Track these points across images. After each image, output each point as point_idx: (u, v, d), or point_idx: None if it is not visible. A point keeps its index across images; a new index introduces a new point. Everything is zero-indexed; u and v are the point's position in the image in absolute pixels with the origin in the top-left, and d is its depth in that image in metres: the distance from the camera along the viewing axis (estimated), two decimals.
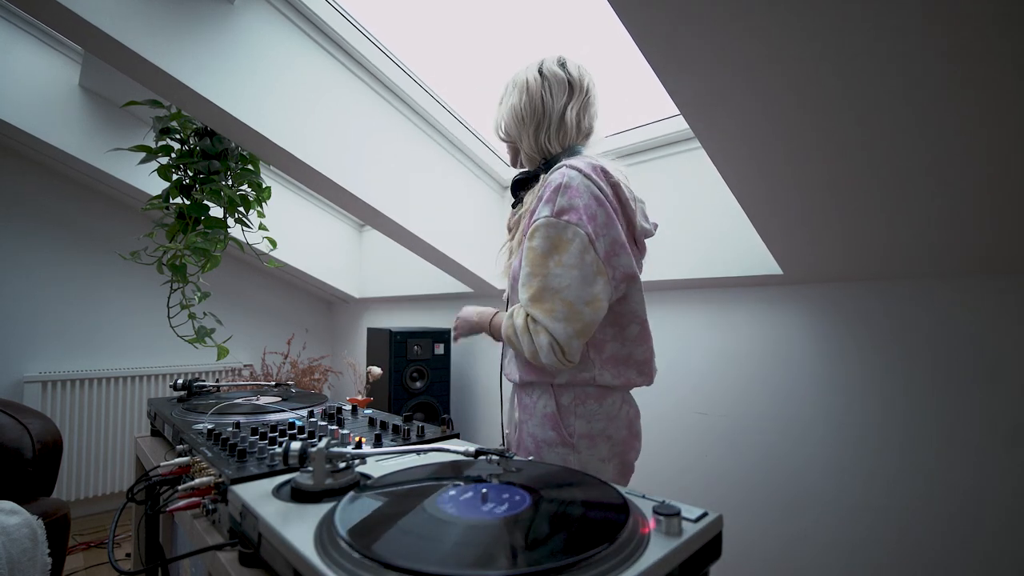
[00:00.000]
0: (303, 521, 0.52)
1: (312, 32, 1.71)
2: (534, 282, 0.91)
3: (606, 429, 0.98)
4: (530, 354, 0.92)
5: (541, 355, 0.90)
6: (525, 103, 1.04)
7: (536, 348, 0.90)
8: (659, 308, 1.78)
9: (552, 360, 0.90)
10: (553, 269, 0.90)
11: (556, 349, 0.89)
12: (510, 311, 0.98)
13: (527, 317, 0.92)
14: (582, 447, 0.96)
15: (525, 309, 0.92)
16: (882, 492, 1.30)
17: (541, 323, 0.89)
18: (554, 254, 0.90)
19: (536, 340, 0.90)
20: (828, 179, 1.01)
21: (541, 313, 0.89)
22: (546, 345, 0.89)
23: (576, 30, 1.93)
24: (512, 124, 1.07)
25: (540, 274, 0.90)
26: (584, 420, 0.97)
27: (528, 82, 1.05)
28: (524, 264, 0.93)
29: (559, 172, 0.95)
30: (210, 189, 1.83)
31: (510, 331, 0.95)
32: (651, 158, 1.73)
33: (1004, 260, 1.11)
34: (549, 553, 0.45)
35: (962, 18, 0.65)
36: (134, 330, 2.94)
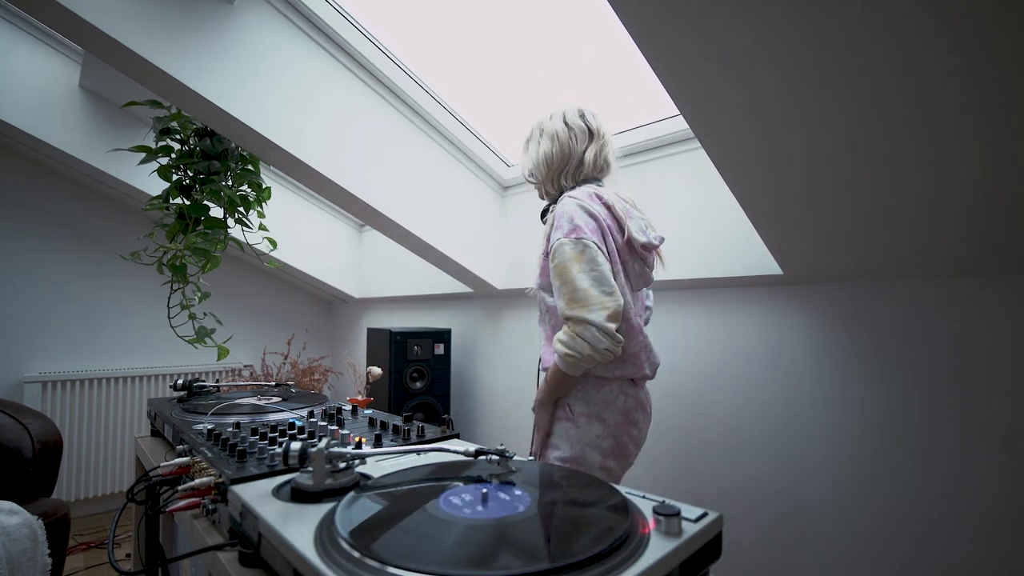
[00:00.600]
0: (303, 521, 0.52)
1: (312, 32, 1.71)
2: (565, 290, 1.09)
3: (601, 412, 1.16)
4: (587, 353, 1.06)
5: (595, 346, 1.05)
6: (556, 151, 1.27)
7: (587, 342, 1.05)
8: (659, 308, 1.78)
9: (605, 344, 1.05)
10: (576, 276, 1.08)
11: (602, 333, 1.05)
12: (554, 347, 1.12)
13: (567, 325, 1.09)
14: (581, 423, 1.15)
15: (565, 316, 1.09)
16: (882, 492, 1.30)
17: (581, 319, 1.06)
18: (573, 264, 1.09)
19: (585, 336, 1.06)
20: (828, 179, 1.01)
21: (579, 311, 1.06)
22: (592, 335, 1.05)
23: (576, 30, 1.93)
24: (543, 168, 1.29)
25: (568, 282, 1.09)
26: (583, 402, 1.17)
27: (558, 133, 1.27)
28: (553, 280, 1.13)
29: (561, 203, 1.19)
30: (210, 189, 1.83)
31: (564, 351, 1.08)
32: (651, 158, 1.73)
33: (1003, 261, 1.11)
34: (549, 553, 0.45)
35: (960, 18, 0.65)
36: (134, 330, 2.94)
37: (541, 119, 1.33)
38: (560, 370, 1.11)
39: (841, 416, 1.38)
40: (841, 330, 1.40)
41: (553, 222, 1.17)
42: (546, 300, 1.22)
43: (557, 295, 1.12)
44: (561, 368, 1.11)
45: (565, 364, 1.10)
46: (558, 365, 1.11)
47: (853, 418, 1.36)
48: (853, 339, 1.37)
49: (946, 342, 1.23)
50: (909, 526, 1.26)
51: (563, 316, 1.09)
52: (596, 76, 1.98)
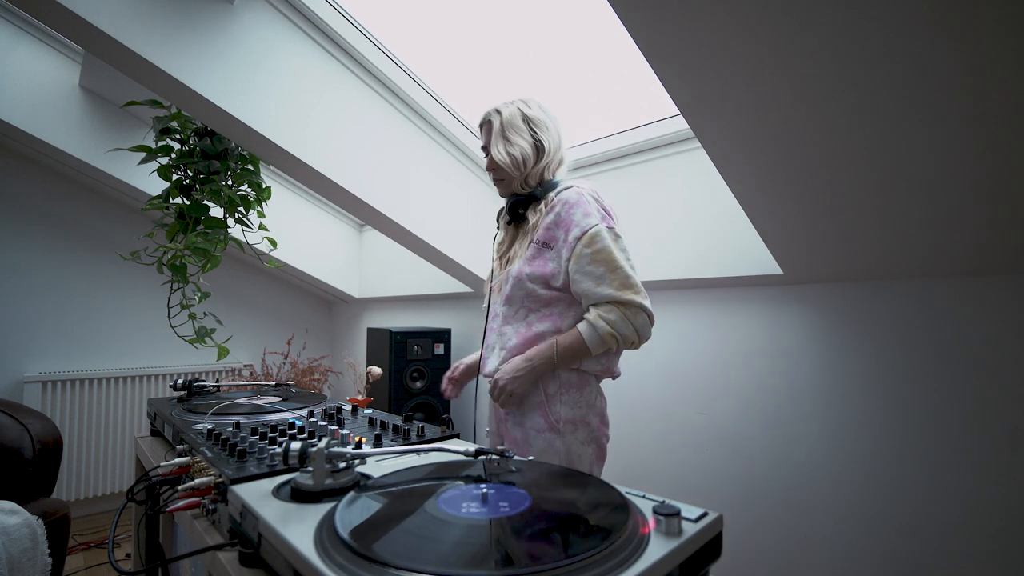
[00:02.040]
0: (303, 521, 0.52)
1: (312, 32, 1.71)
2: (616, 275, 1.07)
3: (585, 416, 1.13)
4: (632, 339, 1.07)
5: (642, 332, 1.08)
6: (552, 141, 1.20)
7: (636, 328, 1.07)
8: (659, 308, 1.78)
9: (648, 333, 1.09)
10: (623, 261, 1.08)
11: (650, 320, 1.09)
12: (589, 319, 1.08)
13: (619, 307, 1.06)
14: (566, 431, 1.10)
15: (615, 299, 1.06)
16: (881, 492, 1.30)
17: (636, 304, 1.06)
18: (616, 250, 1.08)
19: (636, 321, 1.07)
20: (828, 179, 1.01)
21: (634, 296, 1.07)
22: (643, 321, 1.08)
23: (576, 30, 1.93)
24: (531, 159, 1.18)
25: (617, 267, 1.07)
26: (568, 407, 1.11)
27: (546, 123, 1.21)
28: (594, 266, 1.07)
29: (572, 191, 1.14)
30: (210, 189, 1.83)
31: (609, 330, 1.05)
32: (651, 158, 1.73)
33: (1003, 261, 1.11)
34: (549, 553, 0.45)
35: (964, 20, 0.65)
36: (134, 330, 2.94)
37: (513, 107, 1.21)
38: (584, 344, 1.07)
39: (841, 416, 1.38)
40: (840, 330, 1.40)
41: (571, 210, 1.11)
42: (537, 291, 1.13)
43: (597, 281, 1.07)
44: (589, 344, 1.06)
45: (600, 342, 1.06)
46: (587, 340, 1.06)
47: (853, 418, 1.36)
48: (852, 339, 1.37)
49: (945, 342, 1.23)
50: (909, 526, 1.26)
51: (610, 299, 1.06)
52: (596, 76, 1.98)
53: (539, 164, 1.19)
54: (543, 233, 1.14)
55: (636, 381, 1.81)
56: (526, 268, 1.14)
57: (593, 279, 1.07)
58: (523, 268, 1.14)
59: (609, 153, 1.82)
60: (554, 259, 1.12)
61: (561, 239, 1.11)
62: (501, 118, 1.20)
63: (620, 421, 1.85)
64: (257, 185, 1.96)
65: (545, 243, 1.13)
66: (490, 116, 1.23)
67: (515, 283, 1.15)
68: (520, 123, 1.19)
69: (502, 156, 1.18)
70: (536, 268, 1.13)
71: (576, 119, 2.04)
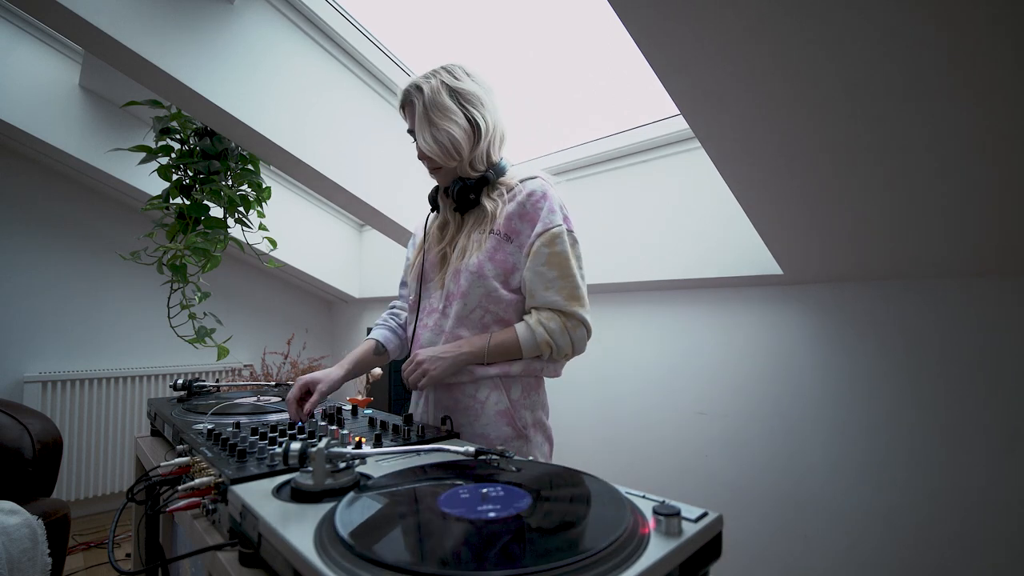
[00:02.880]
0: (303, 521, 0.52)
1: (312, 32, 1.71)
2: (567, 283, 1.02)
3: (541, 417, 1.11)
4: (566, 352, 1.03)
5: (578, 347, 1.04)
6: (488, 116, 1.05)
7: (574, 341, 1.03)
8: (659, 308, 1.78)
9: (584, 346, 1.05)
10: (575, 270, 1.03)
11: (587, 335, 1.05)
12: (529, 322, 1.01)
13: (562, 317, 1.02)
14: (531, 436, 1.06)
15: (560, 308, 1.01)
16: (883, 494, 1.30)
17: (578, 318, 1.02)
18: (571, 259, 1.03)
19: (575, 335, 1.02)
20: (830, 179, 1.01)
21: (578, 308, 1.02)
22: (581, 336, 1.03)
23: (575, 29, 1.93)
24: (470, 138, 1.04)
25: (570, 275, 1.02)
26: (530, 411, 1.07)
27: (480, 95, 1.05)
28: (548, 269, 1.01)
29: (536, 182, 1.06)
30: (210, 189, 1.83)
31: (547, 339, 1.00)
32: (651, 158, 1.73)
33: (1009, 261, 1.11)
34: (549, 553, 0.45)
35: (966, 16, 0.65)
36: (134, 330, 2.94)
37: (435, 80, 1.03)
38: (518, 345, 1.00)
39: (841, 416, 1.38)
40: (840, 330, 1.40)
41: (527, 202, 1.03)
42: (499, 291, 1.02)
43: (545, 285, 1.00)
44: (523, 345, 1.00)
45: (534, 347, 1.00)
46: (522, 341, 1.00)
47: (853, 418, 1.36)
48: (852, 339, 1.37)
49: (946, 342, 1.23)
50: (910, 526, 1.26)
51: (555, 307, 1.01)
52: (596, 76, 1.98)
53: (479, 146, 1.05)
54: (505, 224, 1.03)
55: (636, 381, 1.81)
56: (487, 263, 1.01)
57: (543, 281, 1.01)
58: (483, 262, 1.01)
59: (609, 153, 1.82)
60: (515, 253, 1.03)
61: (525, 233, 1.02)
62: (423, 97, 1.03)
63: (620, 421, 1.86)
64: (257, 185, 1.96)
65: (507, 236, 1.02)
66: (411, 95, 1.05)
67: (474, 278, 1.01)
68: (447, 100, 1.02)
69: (429, 145, 1.03)
70: (499, 263, 1.02)
71: (576, 119, 2.04)
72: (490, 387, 1.03)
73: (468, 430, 1.03)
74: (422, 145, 1.05)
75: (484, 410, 1.03)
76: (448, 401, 1.06)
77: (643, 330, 1.82)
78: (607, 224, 1.83)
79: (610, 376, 1.89)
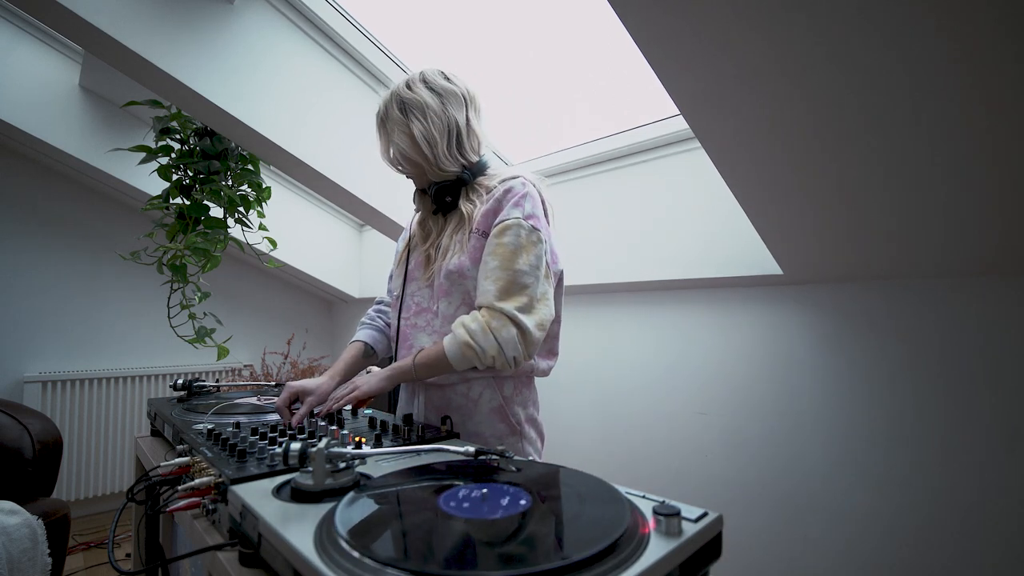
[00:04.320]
0: (303, 521, 0.52)
1: (312, 32, 1.71)
2: (505, 275, 0.95)
3: (534, 414, 1.10)
4: (492, 354, 0.92)
5: (507, 350, 0.92)
6: (435, 122, 1.03)
7: (500, 344, 0.92)
8: (659, 308, 1.78)
9: (516, 352, 0.93)
10: (521, 266, 0.95)
11: (521, 341, 0.93)
12: (453, 326, 0.96)
13: (483, 314, 0.94)
14: (525, 432, 1.06)
15: (487, 303, 0.94)
16: (883, 494, 1.30)
17: (509, 315, 0.92)
18: (522, 253, 0.96)
19: (500, 336, 0.92)
20: (831, 179, 1.01)
21: (510, 305, 0.93)
22: (513, 338, 0.92)
23: (575, 29, 1.93)
24: (424, 146, 1.03)
25: (509, 269, 0.95)
26: (522, 407, 1.07)
27: (427, 103, 1.04)
28: (491, 258, 0.97)
29: (517, 181, 1.04)
30: (210, 189, 1.83)
31: (466, 340, 0.92)
32: (651, 158, 1.73)
33: (1010, 261, 1.11)
34: (549, 553, 0.45)
35: (968, 16, 0.65)
36: (134, 330, 2.94)
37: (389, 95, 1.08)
38: (444, 357, 0.94)
39: (841, 416, 1.38)
40: (840, 330, 1.40)
41: (503, 198, 1.01)
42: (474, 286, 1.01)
43: (485, 275, 0.96)
44: (449, 356, 0.93)
45: (460, 356, 0.93)
46: (447, 352, 0.94)
47: (853, 418, 1.36)
48: (852, 339, 1.37)
49: (946, 342, 1.23)
50: (910, 526, 1.26)
51: (485, 300, 0.94)
52: (596, 76, 1.98)
53: (437, 150, 1.03)
54: (482, 221, 1.02)
55: (635, 381, 1.81)
56: (467, 262, 1.01)
57: (484, 270, 0.96)
58: (463, 261, 1.01)
59: (609, 153, 1.82)
60: None
61: None
62: (381, 114, 1.08)
63: (619, 421, 1.86)
64: (257, 185, 1.97)
65: (484, 232, 1.02)
66: (379, 112, 1.09)
67: (455, 278, 1.01)
68: (395, 112, 1.05)
69: (386, 156, 1.08)
70: (477, 261, 1.01)
71: (576, 119, 2.04)
72: (482, 385, 1.04)
73: (462, 428, 1.03)
74: (382, 155, 1.09)
75: (477, 408, 1.03)
76: (440, 401, 1.06)
77: (643, 330, 1.82)
78: (607, 224, 1.83)
79: (610, 376, 1.89)
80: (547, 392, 2.10)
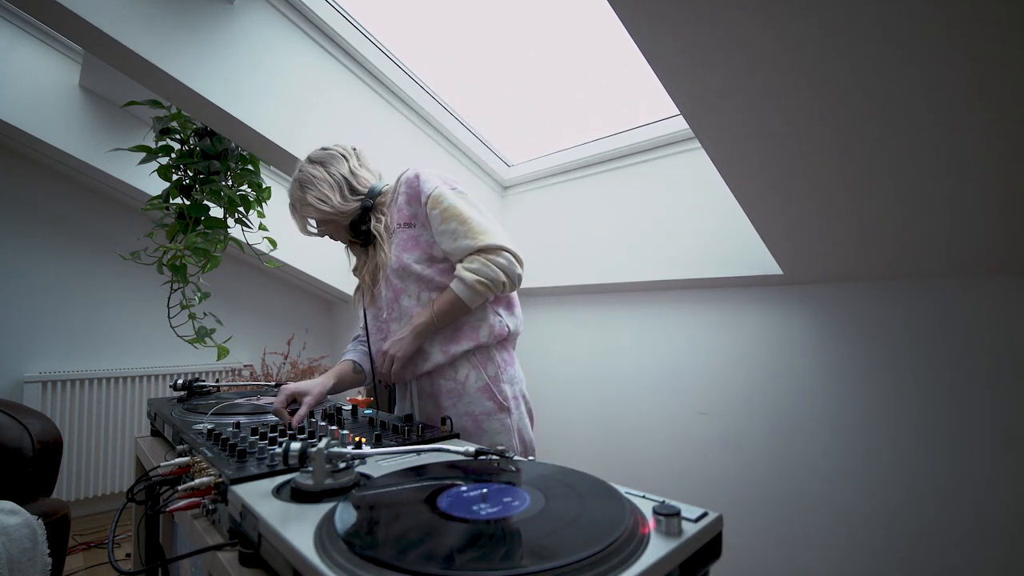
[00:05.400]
0: (303, 521, 0.52)
1: (312, 32, 1.71)
2: (465, 228, 1.08)
3: (521, 389, 1.19)
4: (500, 279, 1.06)
5: (510, 272, 1.07)
6: (323, 187, 1.18)
7: (501, 269, 1.06)
8: (659, 307, 1.78)
9: (519, 270, 1.09)
10: (472, 212, 1.09)
11: (514, 259, 1.08)
12: (457, 274, 1.07)
13: (480, 255, 1.07)
14: (513, 408, 1.14)
15: (473, 248, 1.07)
16: (884, 494, 1.30)
17: (494, 247, 1.07)
18: (462, 202, 1.10)
19: (499, 261, 1.06)
20: (831, 178, 1.01)
21: (489, 240, 1.07)
22: (507, 261, 1.07)
23: (575, 29, 1.93)
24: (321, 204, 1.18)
25: (467, 218, 1.08)
26: (509, 384, 1.15)
27: (313, 175, 1.19)
28: (445, 224, 1.09)
29: (408, 172, 1.17)
30: (210, 189, 1.83)
31: (475, 278, 1.05)
32: (651, 158, 1.73)
33: (1011, 261, 1.11)
34: (549, 553, 0.45)
35: (973, 15, 0.65)
36: (134, 330, 2.94)
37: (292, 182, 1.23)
38: (458, 299, 1.06)
39: (842, 416, 1.38)
40: (841, 330, 1.40)
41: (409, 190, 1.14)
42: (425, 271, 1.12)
43: (452, 237, 1.08)
44: (463, 297, 1.06)
45: (472, 292, 1.05)
46: (459, 295, 1.06)
47: (854, 418, 1.36)
48: (852, 339, 1.37)
49: (947, 342, 1.23)
50: (910, 526, 1.26)
51: (470, 250, 1.07)
52: (596, 76, 1.98)
53: (334, 201, 1.18)
54: (399, 215, 1.15)
55: (636, 380, 1.81)
56: (402, 254, 1.13)
57: (450, 237, 1.09)
58: (399, 255, 1.13)
59: (609, 153, 1.82)
60: (423, 232, 1.13)
61: (420, 212, 1.13)
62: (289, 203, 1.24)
63: (620, 421, 1.86)
64: (257, 185, 1.96)
65: (408, 223, 1.14)
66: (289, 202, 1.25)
67: (402, 273, 1.13)
68: (297, 193, 1.20)
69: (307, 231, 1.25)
70: (412, 248, 1.13)
71: (576, 119, 2.04)
72: (468, 367, 1.13)
73: (454, 411, 1.11)
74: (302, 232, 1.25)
75: (465, 389, 1.12)
76: (431, 388, 1.14)
77: (643, 330, 1.82)
78: (607, 224, 1.83)
79: (610, 376, 1.89)
80: (547, 392, 2.11)
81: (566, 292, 2.06)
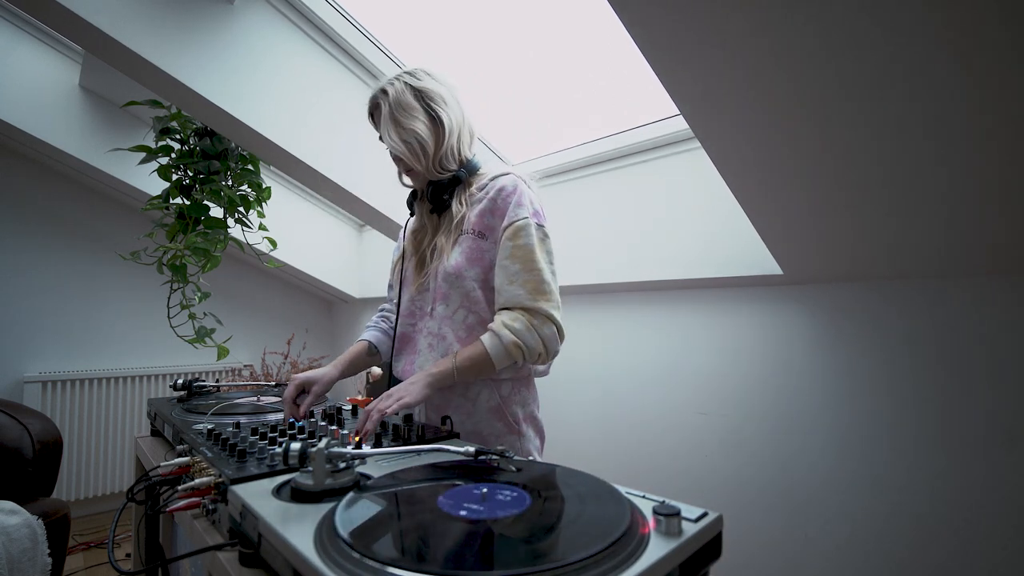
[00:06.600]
0: (303, 521, 0.52)
1: (312, 32, 1.71)
2: (532, 276, 0.99)
3: (534, 412, 1.11)
4: (538, 351, 0.98)
5: (550, 346, 0.98)
6: (454, 113, 1.06)
7: (544, 339, 0.97)
8: (659, 307, 1.78)
9: (556, 347, 1.00)
10: (543, 263, 1.00)
11: (559, 334, 1.00)
12: (494, 328, 0.97)
13: (527, 315, 0.98)
14: (524, 431, 1.07)
15: (523, 305, 0.98)
16: (883, 494, 1.30)
17: (544, 313, 0.98)
18: (541, 250, 1.01)
19: (543, 332, 0.97)
20: (832, 179, 1.01)
21: (545, 304, 0.98)
22: (553, 333, 0.99)
23: (575, 29, 1.93)
24: (444, 135, 1.04)
25: (535, 268, 0.99)
26: (521, 407, 1.08)
27: (444, 96, 1.06)
28: (511, 262, 0.99)
29: (508, 179, 1.05)
30: (210, 189, 1.83)
31: (514, 339, 0.95)
32: (651, 158, 1.73)
33: (1011, 261, 1.11)
34: (548, 553, 0.45)
35: (969, 13, 0.65)
36: (134, 330, 2.94)
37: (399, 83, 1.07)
38: (487, 357, 0.95)
39: (841, 416, 1.38)
40: (841, 330, 1.40)
41: (507, 199, 1.02)
42: (475, 292, 1.02)
43: (510, 278, 0.98)
44: (492, 356, 0.95)
45: (504, 354, 0.95)
46: (489, 352, 0.95)
47: (853, 418, 1.36)
48: (852, 339, 1.37)
49: (946, 342, 1.23)
50: (910, 526, 1.26)
51: (519, 303, 0.97)
52: (596, 76, 1.98)
53: (445, 143, 1.04)
54: (478, 221, 1.03)
55: (636, 380, 1.81)
56: (464, 263, 1.02)
57: (507, 275, 0.99)
58: (460, 263, 1.02)
59: (609, 153, 1.82)
60: (491, 250, 1.03)
61: (497, 228, 1.02)
62: (388, 100, 1.05)
63: (620, 421, 1.86)
64: (257, 185, 1.97)
65: (482, 233, 1.03)
66: (377, 99, 1.08)
67: (453, 280, 1.02)
68: (411, 100, 1.04)
69: (397, 145, 1.04)
70: (476, 261, 1.02)
71: (576, 119, 2.04)
72: (480, 384, 1.05)
73: (461, 428, 1.03)
74: (391, 145, 1.06)
75: (476, 407, 1.05)
76: (439, 400, 1.07)
77: (643, 330, 1.82)
78: (607, 224, 1.83)
79: (610, 376, 1.89)
80: (547, 392, 2.10)
81: (566, 292, 2.06)
